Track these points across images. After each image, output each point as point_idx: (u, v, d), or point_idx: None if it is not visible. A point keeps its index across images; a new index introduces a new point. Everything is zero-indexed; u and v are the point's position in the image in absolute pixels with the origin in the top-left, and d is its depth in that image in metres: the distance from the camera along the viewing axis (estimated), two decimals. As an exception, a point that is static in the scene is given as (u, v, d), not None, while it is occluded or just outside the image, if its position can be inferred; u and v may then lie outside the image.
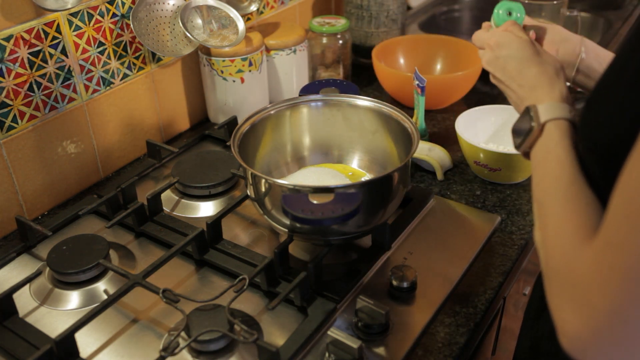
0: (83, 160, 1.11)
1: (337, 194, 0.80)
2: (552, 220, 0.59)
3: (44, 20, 0.98)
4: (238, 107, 1.26)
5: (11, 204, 1.01)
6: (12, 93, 0.97)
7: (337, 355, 0.74)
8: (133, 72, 1.16)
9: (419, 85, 1.15)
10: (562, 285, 0.53)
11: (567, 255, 0.54)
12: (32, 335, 0.80)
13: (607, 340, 0.49)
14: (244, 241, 0.97)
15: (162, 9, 1.15)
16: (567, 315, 0.51)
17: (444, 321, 0.83)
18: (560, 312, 0.52)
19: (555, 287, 0.54)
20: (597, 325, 0.48)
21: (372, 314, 0.79)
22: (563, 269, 0.54)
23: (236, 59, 1.21)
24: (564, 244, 0.55)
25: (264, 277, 0.85)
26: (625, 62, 0.56)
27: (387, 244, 0.93)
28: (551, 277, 0.56)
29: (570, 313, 0.51)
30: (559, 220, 0.58)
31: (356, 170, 1.04)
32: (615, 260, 0.47)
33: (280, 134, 1.03)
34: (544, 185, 0.64)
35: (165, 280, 0.89)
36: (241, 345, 0.78)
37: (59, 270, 0.88)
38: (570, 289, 0.51)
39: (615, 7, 1.78)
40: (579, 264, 0.51)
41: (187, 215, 1.04)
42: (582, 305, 0.50)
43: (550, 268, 0.56)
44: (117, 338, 0.81)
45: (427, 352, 0.78)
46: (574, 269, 0.52)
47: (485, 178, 1.10)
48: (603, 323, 0.48)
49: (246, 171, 0.87)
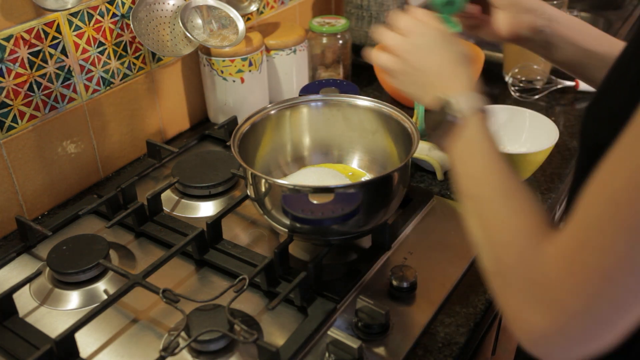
0: (83, 160, 1.11)
1: (337, 194, 0.80)
2: (497, 217, 0.58)
3: (44, 20, 0.98)
4: (238, 107, 1.26)
5: (11, 204, 1.01)
6: (12, 93, 0.97)
7: (337, 355, 0.74)
8: (133, 72, 1.16)
9: (419, 85, 1.15)
10: (522, 284, 0.52)
11: (526, 253, 0.53)
12: (32, 335, 0.80)
13: (576, 339, 0.48)
14: (244, 241, 0.97)
15: (162, 9, 1.15)
16: (530, 316, 0.50)
17: (444, 321, 0.83)
18: (520, 312, 0.51)
19: (513, 287, 0.53)
20: (567, 325, 0.48)
21: (372, 314, 0.79)
22: (522, 268, 0.52)
23: (236, 59, 1.21)
24: (518, 242, 0.54)
25: (264, 277, 0.85)
26: (628, 63, 0.56)
27: (387, 244, 0.93)
28: (506, 276, 0.54)
29: (534, 313, 0.50)
30: (506, 217, 0.57)
31: (356, 170, 1.04)
32: (590, 261, 0.46)
33: (280, 134, 1.03)
34: (478, 180, 0.62)
35: (165, 280, 0.88)
36: (241, 345, 0.78)
37: (59, 270, 0.88)
38: (533, 289, 0.50)
39: (615, 7, 1.78)
40: (544, 263, 0.50)
41: (187, 215, 1.04)
42: (549, 305, 0.49)
43: (505, 267, 0.55)
44: (117, 338, 0.81)
45: (427, 352, 0.78)
46: (537, 268, 0.51)
47: (485, 178, 1.10)
48: (575, 323, 0.48)
49: (246, 171, 0.87)
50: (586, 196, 0.49)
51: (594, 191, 0.48)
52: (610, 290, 0.46)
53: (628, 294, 0.46)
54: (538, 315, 0.49)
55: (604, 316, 0.47)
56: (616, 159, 0.47)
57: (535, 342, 0.51)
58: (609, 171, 0.47)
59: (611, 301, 0.46)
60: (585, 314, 0.47)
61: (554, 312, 0.48)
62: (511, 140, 1.15)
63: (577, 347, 0.49)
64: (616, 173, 0.46)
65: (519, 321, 0.52)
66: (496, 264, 0.56)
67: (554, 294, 0.48)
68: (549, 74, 1.39)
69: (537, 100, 1.36)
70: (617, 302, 0.46)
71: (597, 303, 0.46)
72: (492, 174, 0.61)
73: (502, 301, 0.55)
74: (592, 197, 0.48)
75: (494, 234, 0.57)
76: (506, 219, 0.57)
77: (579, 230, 0.48)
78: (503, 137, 1.15)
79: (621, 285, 0.45)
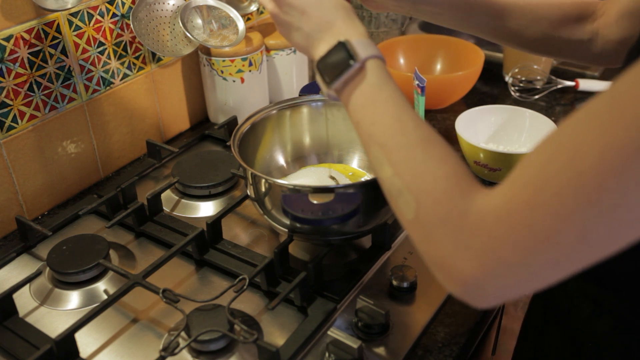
0: (83, 160, 1.11)
1: (337, 194, 0.80)
2: (415, 164, 0.55)
3: (44, 20, 0.98)
4: (238, 107, 1.26)
5: (11, 204, 1.01)
6: (12, 93, 0.97)
7: (337, 355, 0.74)
8: (133, 72, 1.16)
9: (419, 85, 1.15)
10: (448, 231, 0.50)
11: (456, 202, 0.51)
12: (32, 335, 0.80)
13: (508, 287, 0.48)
14: (244, 241, 0.97)
15: (162, 9, 1.15)
16: (458, 262, 0.49)
17: (444, 321, 0.83)
18: (446, 258, 0.50)
19: (437, 234, 0.51)
20: (501, 274, 0.47)
21: (372, 314, 0.79)
22: (453, 216, 0.50)
23: (236, 59, 1.21)
24: (447, 190, 0.52)
25: (264, 277, 0.85)
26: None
27: (387, 244, 0.93)
28: (428, 223, 0.52)
29: (463, 260, 0.49)
30: (425, 164, 0.55)
31: (356, 170, 1.04)
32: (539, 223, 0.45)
33: (280, 134, 1.03)
34: (389, 127, 0.59)
35: (165, 280, 0.88)
36: (241, 345, 0.78)
37: (59, 270, 0.88)
38: (462, 236, 0.49)
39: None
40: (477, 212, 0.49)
41: (187, 215, 1.04)
42: (482, 253, 0.48)
43: (426, 214, 0.53)
44: (117, 338, 0.81)
45: (427, 352, 0.78)
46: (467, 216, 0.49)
47: (485, 178, 1.10)
48: (510, 273, 0.47)
49: (246, 171, 0.87)
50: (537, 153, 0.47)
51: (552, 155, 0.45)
52: (554, 253, 0.45)
53: (571, 258, 0.45)
54: (467, 262, 0.48)
55: (542, 271, 0.46)
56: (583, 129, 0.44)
57: (464, 288, 0.50)
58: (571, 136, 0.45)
59: (552, 261, 0.45)
60: (522, 267, 0.46)
61: (488, 261, 0.47)
62: (511, 140, 1.15)
63: (508, 293, 0.49)
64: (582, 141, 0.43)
65: (445, 268, 0.51)
66: (416, 210, 0.54)
67: (488, 243, 0.47)
68: (549, 74, 1.39)
69: (537, 100, 1.36)
70: (558, 262, 0.45)
71: (537, 260, 0.45)
72: (404, 120, 0.59)
73: (424, 248, 0.53)
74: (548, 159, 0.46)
75: (413, 181, 0.55)
76: (425, 165, 0.55)
77: (528, 189, 0.46)
78: (503, 137, 1.16)
79: (567, 250, 0.45)
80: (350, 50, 0.63)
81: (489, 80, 1.41)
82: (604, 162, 0.42)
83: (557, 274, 0.47)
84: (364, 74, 0.62)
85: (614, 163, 0.41)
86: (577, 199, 0.43)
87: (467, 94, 1.37)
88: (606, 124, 0.42)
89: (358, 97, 0.63)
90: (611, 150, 0.41)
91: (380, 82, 0.62)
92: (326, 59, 0.65)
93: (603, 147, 0.42)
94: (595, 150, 0.42)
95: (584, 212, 0.43)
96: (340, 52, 0.64)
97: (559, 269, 0.46)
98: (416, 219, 0.54)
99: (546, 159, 0.46)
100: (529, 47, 0.88)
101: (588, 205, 0.43)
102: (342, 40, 0.64)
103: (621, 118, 0.41)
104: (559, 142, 0.46)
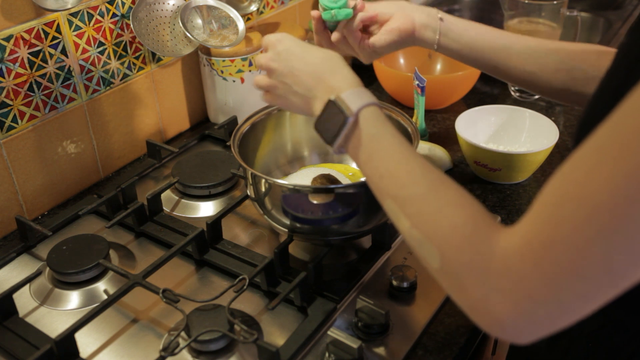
0: (83, 160, 1.11)
1: (337, 194, 0.80)
2: (431, 215, 0.55)
3: (44, 20, 0.98)
4: (238, 107, 1.26)
5: (11, 204, 1.01)
6: (12, 93, 0.97)
7: (337, 355, 0.74)
8: (133, 72, 1.16)
9: (419, 85, 1.15)
10: (480, 277, 0.51)
11: (478, 247, 0.51)
12: (32, 335, 0.80)
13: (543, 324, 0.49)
14: (244, 241, 0.97)
15: (162, 9, 1.15)
16: (492, 306, 0.50)
17: (444, 321, 0.83)
18: (480, 304, 0.51)
19: (466, 280, 0.52)
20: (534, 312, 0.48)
21: (372, 314, 0.79)
22: (478, 262, 0.51)
23: (236, 59, 1.21)
24: (467, 236, 0.52)
25: (264, 277, 0.85)
26: (620, 74, 0.56)
27: (387, 244, 0.93)
28: (454, 271, 0.53)
29: (496, 303, 0.49)
30: (443, 212, 0.54)
31: (356, 170, 1.04)
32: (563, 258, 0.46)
33: (280, 134, 1.03)
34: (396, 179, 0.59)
35: (165, 280, 0.89)
36: (241, 345, 0.78)
37: (59, 270, 0.88)
38: (492, 280, 0.50)
39: (615, 7, 1.78)
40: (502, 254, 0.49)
41: (187, 215, 1.04)
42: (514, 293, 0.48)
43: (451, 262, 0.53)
44: (117, 338, 0.81)
45: (427, 352, 0.78)
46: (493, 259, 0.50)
47: (485, 178, 1.10)
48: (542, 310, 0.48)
49: (246, 171, 0.87)
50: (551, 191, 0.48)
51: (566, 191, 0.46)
52: (582, 286, 0.46)
53: (599, 289, 0.46)
54: (500, 305, 0.49)
55: (572, 305, 0.47)
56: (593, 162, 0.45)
57: (502, 329, 0.50)
58: (581, 171, 0.46)
59: (581, 294, 0.46)
60: (553, 303, 0.47)
61: (520, 299, 0.48)
62: (511, 140, 1.15)
63: (544, 329, 0.49)
64: (593, 175, 0.44)
65: (481, 313, 0.51)
66: (440, 260, 0.54)
67: (518, 283, 0.48)
68: (549, 74, 1.39)
69: (537, 100, 1.36)
70: (587, 295, 0.46)
71: (567, 295, 0.46)
72: (410, 168, 0.59)
73: (456, 295, 0.54)
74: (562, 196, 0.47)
75: (431, 232, 0.55)
76: (441, 214, 0.54)
77: (548, 226, 0.47)
78: (503, 137, 1.16)
79: (594, 282, 0.45)
80: (342, 106, 0.63)
81: (489, 80, 1.41)
82: (618, 192, 0.43)
83: (588, 307, 0.47)
84: (360, 127, 0.63)
85: (627, 191, 0.42)
86: (597, 231, 0.44)
87: (467, 94, 1.37)
88: (615, 155, 0.43)
89: (360, 151, 0.63)
90: (623, 179, 0.43)
91: (377, 131, 0.62)
92: (320, 120, 0.66)
93: (614, 177, 0.43)
94: (608, 182, 0.43)
95: (605, 243, 0.44)
96: (332, 110, 0.64)
97: (589, 300, 0.47)
98: (442, 269, 0.54)
99: (560, 195, 0.47)
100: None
101: (608, 236, 0.44)
102: (332, 98, 0.64)
103: (628, 147, 0.43)
104: (570, 177, 0.47)
